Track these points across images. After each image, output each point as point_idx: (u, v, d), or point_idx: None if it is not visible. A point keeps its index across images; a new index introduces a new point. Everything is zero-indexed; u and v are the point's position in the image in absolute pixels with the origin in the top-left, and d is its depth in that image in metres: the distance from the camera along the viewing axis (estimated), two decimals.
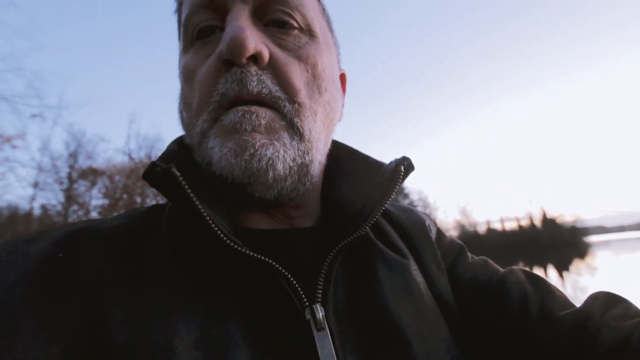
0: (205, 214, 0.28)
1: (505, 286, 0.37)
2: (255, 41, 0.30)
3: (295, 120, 0.32)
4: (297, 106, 0.32)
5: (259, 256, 0.29)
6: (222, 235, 0.28)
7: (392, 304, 0.32)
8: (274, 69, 0.32)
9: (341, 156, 0.43)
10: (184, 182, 0.29)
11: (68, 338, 0.24)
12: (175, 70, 0.39)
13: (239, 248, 0.29)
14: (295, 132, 0.32)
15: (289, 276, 0.29)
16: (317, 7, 0.37)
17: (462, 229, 48.00)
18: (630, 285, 7.44)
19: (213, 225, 0.28)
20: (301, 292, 0.29)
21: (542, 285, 0.38)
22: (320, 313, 0.29)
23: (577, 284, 8.18)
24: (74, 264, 0.27)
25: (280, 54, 0.33)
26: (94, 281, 0.27)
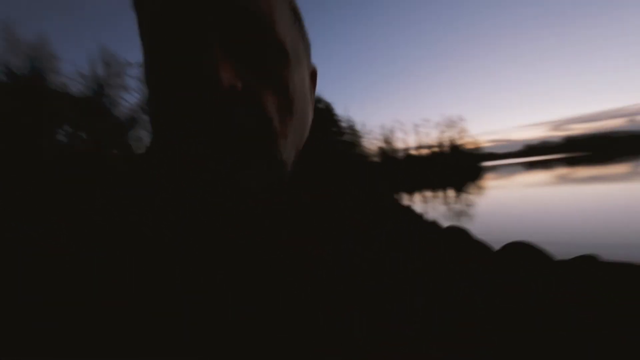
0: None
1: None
2: (229, 76, 0.28)
3: (268, 149, 0.31)
4: (269, 134, 0.31)
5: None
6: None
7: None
8: (246, 99, 0.30)
9: None
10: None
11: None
12: None
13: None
14: (270, 159, 0.31)
15: None
16: (288, 15, 0.34)
17: (384, 154, 52.01)
18: (508, 200, 9.72)
19: None
20: None
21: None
22: None
23: (468, 201, 10.51)
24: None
25: (252, 82, 0.30)
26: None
